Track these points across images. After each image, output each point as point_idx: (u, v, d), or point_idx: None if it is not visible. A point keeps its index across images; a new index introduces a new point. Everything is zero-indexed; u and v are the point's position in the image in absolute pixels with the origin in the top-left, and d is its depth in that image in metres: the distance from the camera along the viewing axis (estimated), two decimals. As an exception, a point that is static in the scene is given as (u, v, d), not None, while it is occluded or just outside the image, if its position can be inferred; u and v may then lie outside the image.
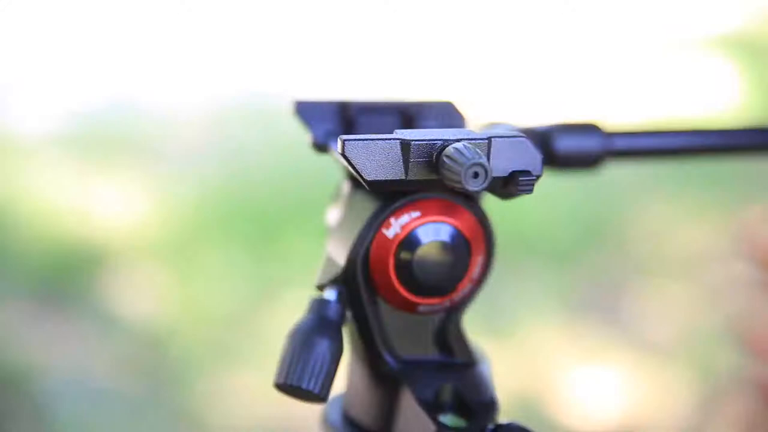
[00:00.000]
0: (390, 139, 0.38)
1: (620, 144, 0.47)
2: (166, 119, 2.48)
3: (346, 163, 0.39)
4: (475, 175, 0.35)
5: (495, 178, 0.38)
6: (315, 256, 0.89)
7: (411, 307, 0.43)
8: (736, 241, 0.43)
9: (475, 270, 0.43)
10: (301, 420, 1.42)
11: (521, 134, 0.39)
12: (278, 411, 1.49)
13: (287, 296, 1.73)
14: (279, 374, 0.41)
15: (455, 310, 0.44)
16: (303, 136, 0.45)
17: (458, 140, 0.37)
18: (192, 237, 1.98)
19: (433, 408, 0.42)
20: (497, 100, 2.43)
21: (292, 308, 0.42)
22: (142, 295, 1.79)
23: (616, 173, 0.44)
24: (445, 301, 0.43)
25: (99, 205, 2.07)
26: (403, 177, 0.38)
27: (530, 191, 0.38)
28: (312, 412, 0.39)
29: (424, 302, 0.43)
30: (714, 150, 0.49)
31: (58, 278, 1.84)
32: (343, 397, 0.47)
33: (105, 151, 2.30)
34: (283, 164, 2.17)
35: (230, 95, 2.60)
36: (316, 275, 0.44)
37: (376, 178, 0.39)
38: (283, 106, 0.47)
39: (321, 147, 0.45)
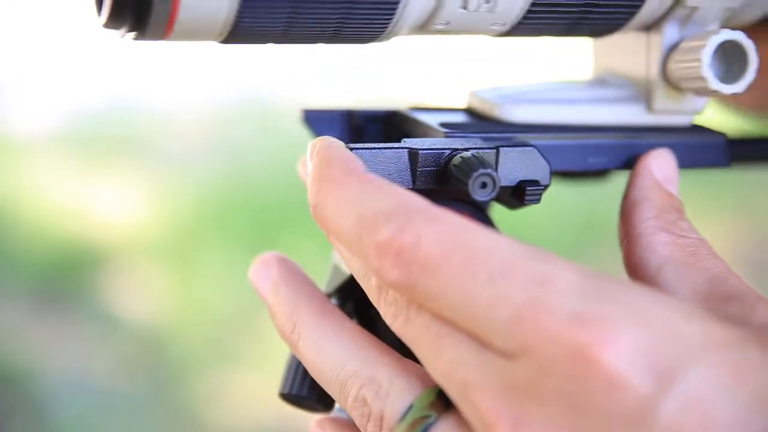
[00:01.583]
0: (398, 147, 0.37)
1: None
2: (166, 119, 2.48)
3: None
4: (483, 185, 0.35)
5: (503, 188, 0.38)
6: (315, 257, 0.90)
7: None
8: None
9: None
10: (302, 420, 1.42)
11: (529, 144, 0.39)
12: (278, 411, 1.49)
13: (287, 297, 1.73)
14: (284, 384, 0.41)
15: None
16: (303, 137, 0.45)
17: (466, 149, 0.37)
18: (192, 237, 1.97)
19: None
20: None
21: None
22: (142, 295, 1.79)
23: (616, 173, 0.44)
24: None
25: (99, 205, 2.07)
26: (411, 186, 0.38)
27: (538, 201, 0.38)
28: (312, 414, 0.39)
29: None
30: None
31: (58, 278, 1.84)
32: None
33: (105, 151, 2.29)
34: (283, 164, 2.16)
35: (230, 95, 2.59)
36: (324, 283, 0.43)
37: None
38: (283, 107, 0.47)
39: None
